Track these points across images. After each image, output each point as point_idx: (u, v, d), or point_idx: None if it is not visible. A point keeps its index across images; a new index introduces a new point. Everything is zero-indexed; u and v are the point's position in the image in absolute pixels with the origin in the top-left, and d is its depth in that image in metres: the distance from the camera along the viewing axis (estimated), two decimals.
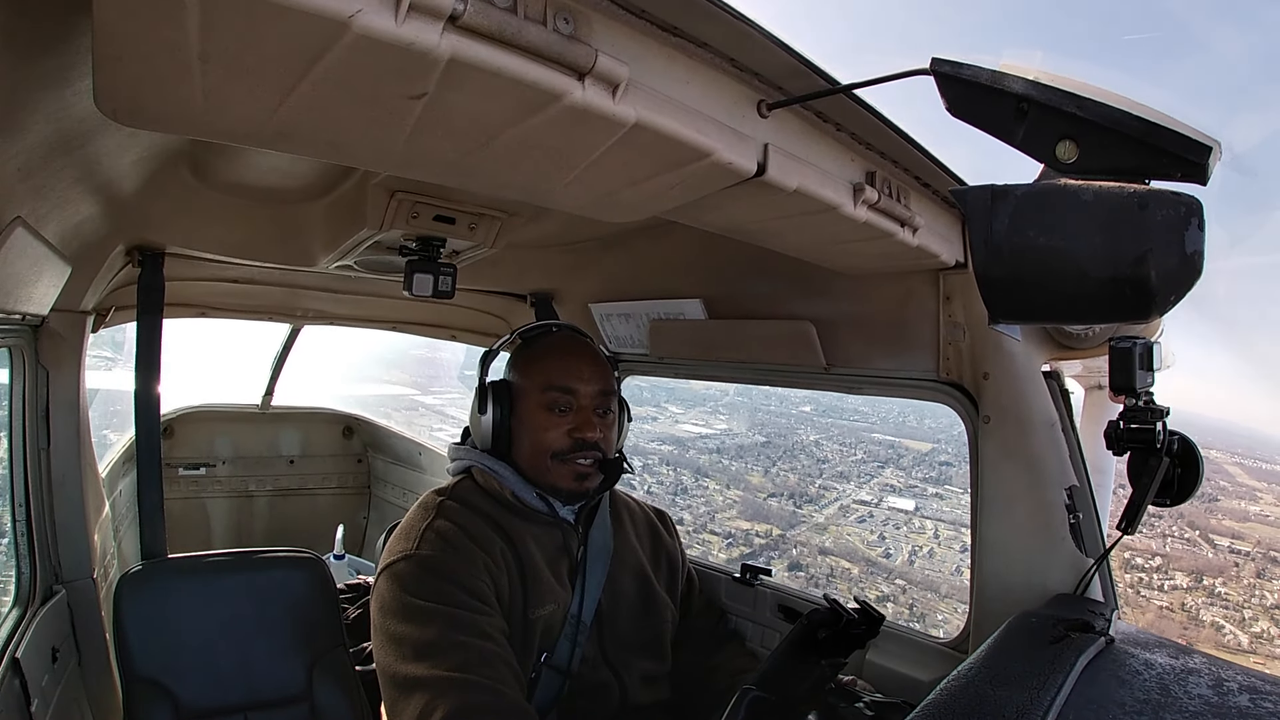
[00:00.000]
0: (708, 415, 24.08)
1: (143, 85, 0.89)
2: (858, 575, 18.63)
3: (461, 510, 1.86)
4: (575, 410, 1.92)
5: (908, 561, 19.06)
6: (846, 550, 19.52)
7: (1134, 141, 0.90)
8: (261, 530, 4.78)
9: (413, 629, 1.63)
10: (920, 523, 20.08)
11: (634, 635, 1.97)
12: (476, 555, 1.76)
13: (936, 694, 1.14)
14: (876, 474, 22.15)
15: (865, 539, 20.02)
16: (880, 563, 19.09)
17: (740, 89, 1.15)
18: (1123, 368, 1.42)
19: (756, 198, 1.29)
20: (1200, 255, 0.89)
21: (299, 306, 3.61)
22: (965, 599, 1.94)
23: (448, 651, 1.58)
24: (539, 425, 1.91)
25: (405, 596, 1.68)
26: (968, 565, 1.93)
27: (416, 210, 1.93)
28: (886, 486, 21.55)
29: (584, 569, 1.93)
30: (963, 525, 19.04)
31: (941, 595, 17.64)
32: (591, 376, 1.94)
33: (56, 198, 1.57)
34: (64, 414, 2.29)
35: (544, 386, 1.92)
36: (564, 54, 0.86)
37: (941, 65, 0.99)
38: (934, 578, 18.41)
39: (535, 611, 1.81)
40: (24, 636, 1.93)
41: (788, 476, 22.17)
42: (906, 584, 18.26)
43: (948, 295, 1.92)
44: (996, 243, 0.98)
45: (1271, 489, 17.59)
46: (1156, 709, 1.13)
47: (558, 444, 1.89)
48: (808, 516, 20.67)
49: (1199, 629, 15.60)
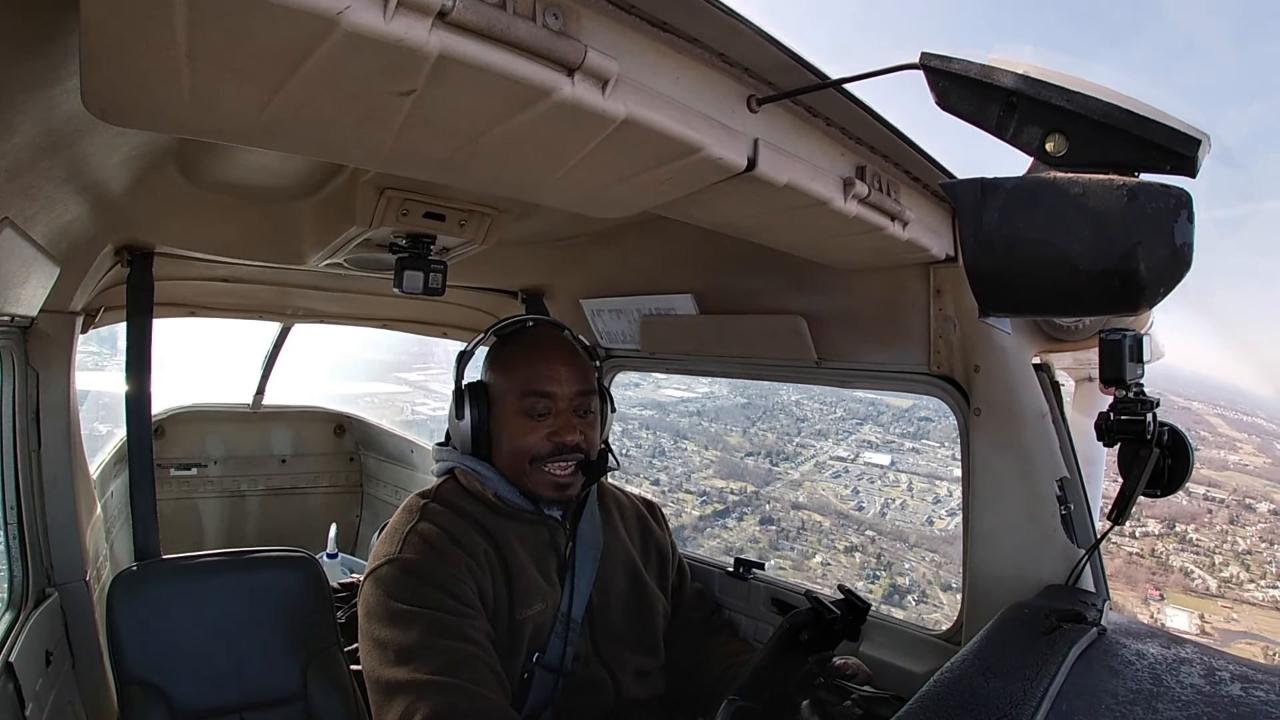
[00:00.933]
0: (691, 380, 23.81)
1: (130, 84, 0.89)
2: (829, 528, 18.87)
3: (444, 512, 1.86)
4: (554, 414, 1.89)
5: (879, 514, 19.26)
6: (819, 504, 19.71)
7: (1123, 134, 0.90)
8: (254, 530, 4.76)
9: (395, 633, 1.64)
10: (895, 476, 20.26)
11: (626, 630, 1.96)
12: (459, 557, 1.75)
13: (929, 686, 1.15)
14: (855, 431, 22.25)
15: (839, 493, 20.21)
16: (852, 515, 19.32)
17: (730, 84, 1.15)
18: (1112, 360, 1.43)
19: (747, 193, 1.30)
20: (1190, 247, 0.89)
21: (289, 305, 3.59)
22: (933, 548, 1.96)
23: (429, 655, 1.59)
24: (517, 430, 1.88)
25: (388, 601, 1.69)
26: (938, 516, 1.95)
27: (406, 207, 1.92)
28: (864, 443, 21.73)
29: (573, 565, 1.92)
30: (936, 477, 19.51)
31: (910, 545, 17.86)
32: (569, 377, 1.90)
33: (44, 198, 1.56)
34: (54, 415, 2.28)
35: (521, 391, 1.88)
36: (553, 50, 0.86)
37: (931, 60, 0.99)
38: (904, 529, 18.59)
39: (523, 612, 1.80)
40: (17, 640, 1.92)
41: (766, 436, 22.26)
42: (876, 534, 18.50)
43: (938, 289, 1.92)
44: (986, 236, 0.98)
45: (1251, 439, 17.70)
46: (1149, 699, 1.14)
47: (537, 448, 1.87)
48: (783, 473, 20.82)
49: (1167, 574, 15.73)
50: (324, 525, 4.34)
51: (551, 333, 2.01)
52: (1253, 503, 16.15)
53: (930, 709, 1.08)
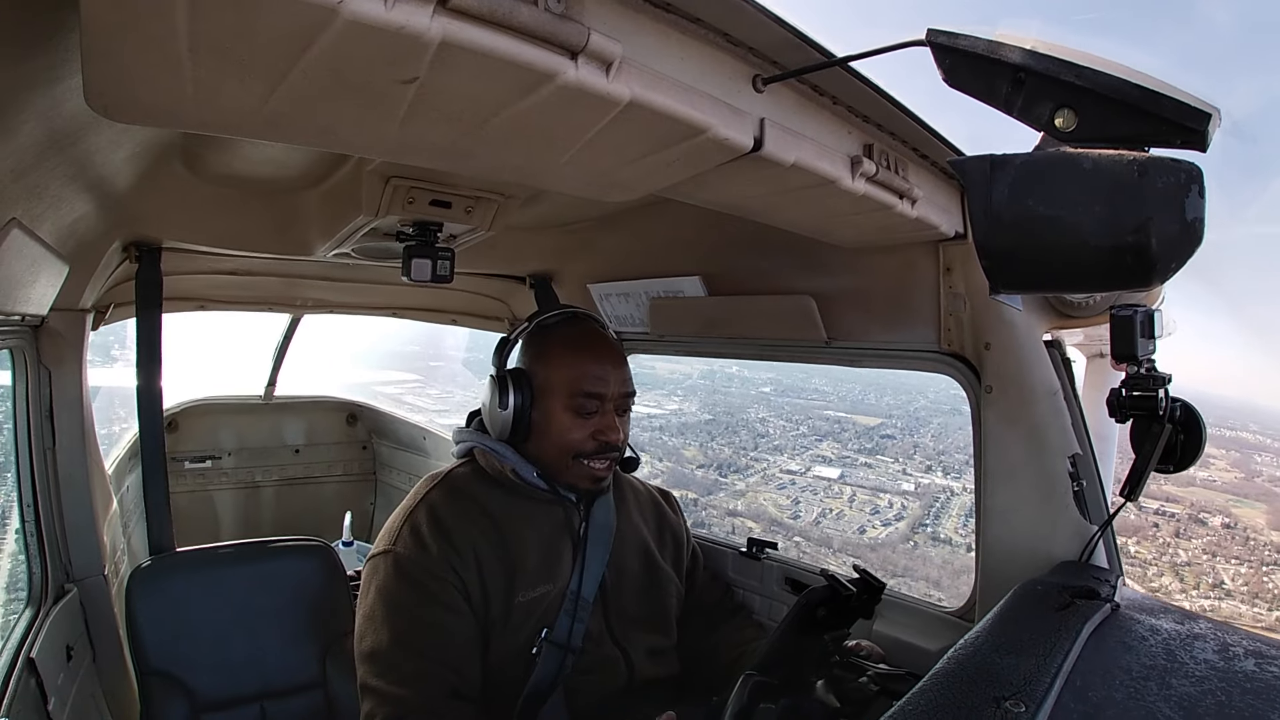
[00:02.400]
0: (662, 398, 24.52)
1: (132, 80, 0.89)
2: (759, 531, 19.52)
3: (445, 503, 1.88)
4: (601, 413, 1.91)
5: (813, 522, 19.72)
6: (755, 513, 20.11)
7: (1133, 109, 0.89)
8: (269, 520, 4.80)
9: (370, 630, 1.76)
10: (840, 489, 20.59)
11: (639, 610, 1.99)
12: (449, 554, 1.78)
13: (943, 663, 1.15)
14: (813, 446, 22.64)
15: (778, 503, 20.60)
16: (785, 523, 19.68)
17: (735, 64, 1.14)
18: (1124, 336, 1.42)
19: (754, 173, 1.29)
20: (1201, 222, 0.88)
21: (298, 296, 3.60)
22: (856, 554, 1.97)
23: (393, 665, 1.70)
24: (564, 426, 1.90)
25: (373, 594, 1.80)
26: (871, 525, 1.97)
27: (412, 195, 1.91)
28: (818, 457, 22.09)
29: (585, 546, 1.94)
30: (882, 490, 19.97)
31: (833, 549, 18.30)
32: (617, 380, 1.93)
33: (51, 197, 1.57)
34: (68, 413, 2.29)
35: (573, 390, 1.89)
36: (556, 33, 0.85)
37: (938, 36, 0.98)
38: (831, 535, 19.09)
39: (525, 594, 1.82)
40: (38, 636, 1.94)
41: (723, 450, 22.57)
42: (802, 540, 18.90)
43: (948, 266, 1.91)
44: (996, 213, 0.97)
45: (1229, 455, 17.55)
46: (1163, 674, 1.14)
47: (583, 446, 1.90)
48: (729, 484, 21.20)
49: None
50: (339, 514, 4.37)
51: (597, 330, 2.02)
52: (1207, 517, 16.12)
53: (944, 686, 1.08)
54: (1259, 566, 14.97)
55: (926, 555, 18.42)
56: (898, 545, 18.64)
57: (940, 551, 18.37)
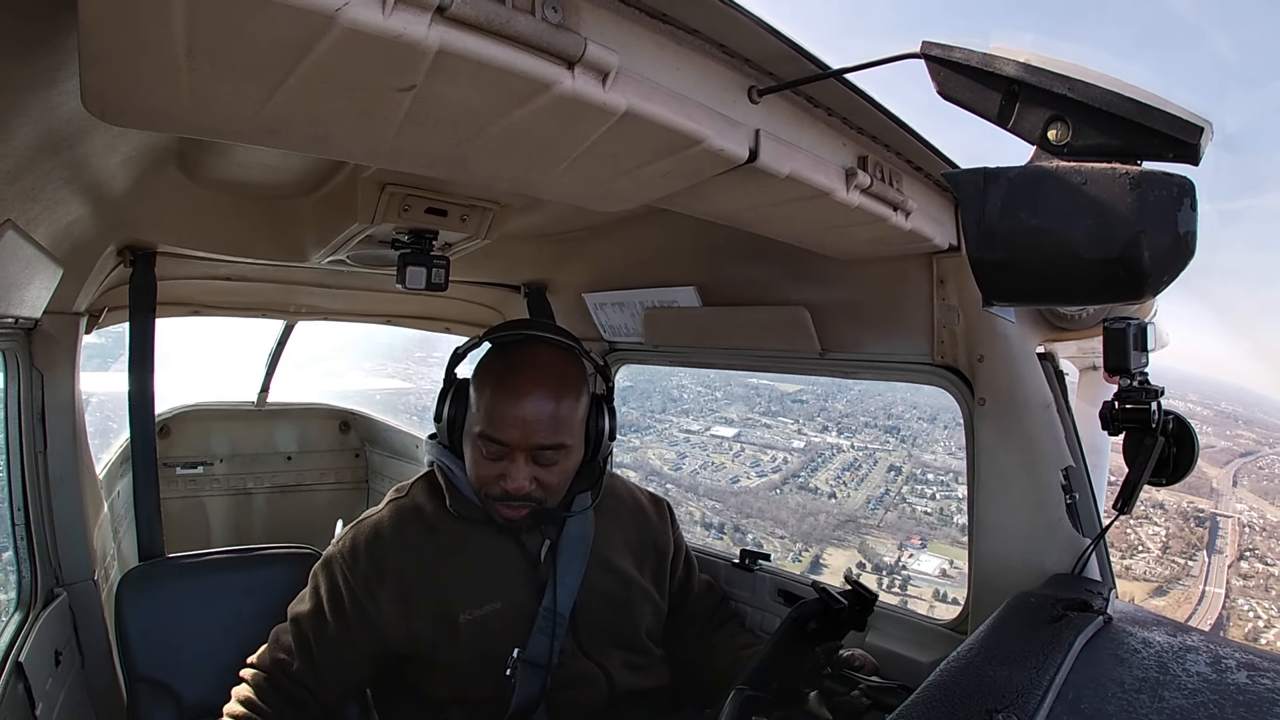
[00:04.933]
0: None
1: (129, 84, 0.89)
2: (637, 480, 21.17)
3: (389, 524, 1.91)
4: (510, 460, 1.78)
5: (690, 474, 21.06)
6: (638, 464, 21.20)
7: (1126, 123, 0.90)
8: (260, 527, 4.77)
9: (299, 600, 1.93)
10: (732, 446, 21.86)
11: (609, 628, 1.95)
12: (372, 576, 1.84)
13: (936, 675, 1.15)
14: (721, 410, 23.65)
15: (664, 457, 21.86)
16: (665, 473, 20.95)
17: (730, 75, 1.14)
18: (1117, 348, 1.43)
19: (748, 184, 1.29)
20: (1193, 235, 0.89)
21: (292, 302, 3.59)
22: (719, 499, 1.96)
23: (268, 664, 1.88)
24: (473, 459, 1.85)
25: (312, 577, 1.94)
26: (746, 476, 1.96)
27: (408, 203, 1.92)
28: (722, 419, 23.20)
29: (556, 563, 1.91)
30: (771, 448, 21.59)
31: (698, 495, 19.95)
32: (537, 428, 1.76)
33: (46, 200, 1.56)
34: (59, 416, 2.28)
35: (480, 427, 1.79)
36: (553, 43, 0.86)
37: (932, 49, 0.99)
38: (701, 483, 20.57)
39: (470, 612, 1.82)
40: (26, 640, 1.93)
41: (631, 413, 23.23)
42: (674, 487, 20.12)
43: (941, 278, 1.92)
44: (989, 225, 0.98)
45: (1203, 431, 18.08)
46: (1155, 687, 1.14)
47: (489, 487, 1.82)
48: (625, 441, 21.97)
49: (948, 528, 17.23)
50: (330, 521, 4.36)
51: (534, 359, 1.84)
52: (1151, 513, 16.66)
53: (937, 698, 1.08)
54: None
55: (786, 502, 19.86)
56: (763, 493, 20.06)
57: (802, 499, 19.86)
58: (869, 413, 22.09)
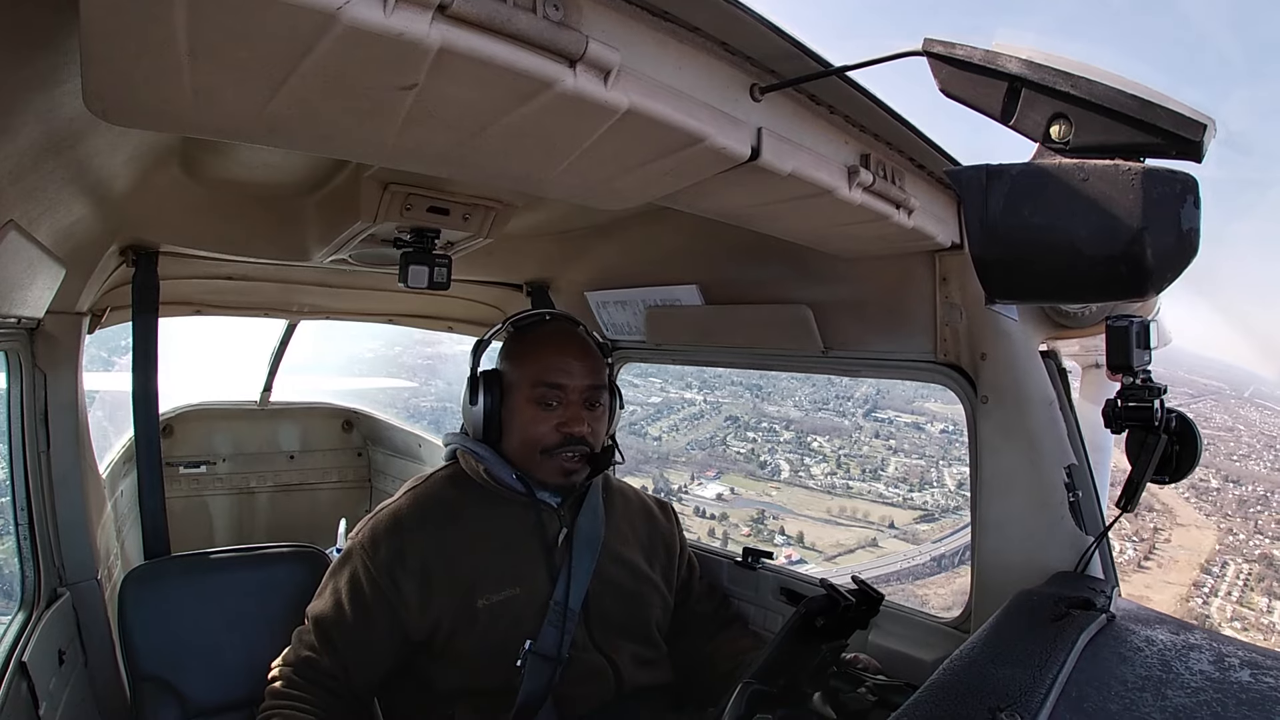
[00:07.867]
0: None
1: (132, 83, 0.89)
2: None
3: (409, 510, 1.95)
4: (564, 405, 1.95)
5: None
6: None
7: (1129, 120, 0.90)
8: (263, 526, 4.78)
9: (314, 608, 1.93)
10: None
11: (621, 621, 1.99)
12: (394, 562, 1.86)
13: (939, 674, 1.15)
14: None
15: None
16: None
17: (733, 73, 1.14)
18: (1120, 346, 1.42)
19: (751, 182, 1.29)
20: (1196, 232, 0.89)
21: (294, 302, 3.59)
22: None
23: (298, 650, 1.89)
24: (528, 420, 1.94)
25: (329, 574, 1.97)
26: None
27: (410, 202, 1.92)
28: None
29: (570, 555, 1.94)
30: (627, 402, 24.41)
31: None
32: (581, 371, 1.96)
33: (49, 200, 1.56)
34: (63, 416, 2.28)
35: (533, 382, 1.94)
36: (554, 41, 0.86)
37: (934, 46, 0.98)
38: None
39: (489, 598, 1.85)
40: (30, 639, 1.93)
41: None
42: None
43: (944, 276, 1.91)
44: (992, 223, 0.98)
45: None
46: (1159, 685, 1.14)
47: (547, 439, 1.93)
48: None
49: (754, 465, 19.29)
50: (333, 520, 4.35)
51: (566, 327, 2.09)
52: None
53: (940, 697, 1.08)
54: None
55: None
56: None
57: (629, 440, 21.31)
58: (742, 370, 24.59)
